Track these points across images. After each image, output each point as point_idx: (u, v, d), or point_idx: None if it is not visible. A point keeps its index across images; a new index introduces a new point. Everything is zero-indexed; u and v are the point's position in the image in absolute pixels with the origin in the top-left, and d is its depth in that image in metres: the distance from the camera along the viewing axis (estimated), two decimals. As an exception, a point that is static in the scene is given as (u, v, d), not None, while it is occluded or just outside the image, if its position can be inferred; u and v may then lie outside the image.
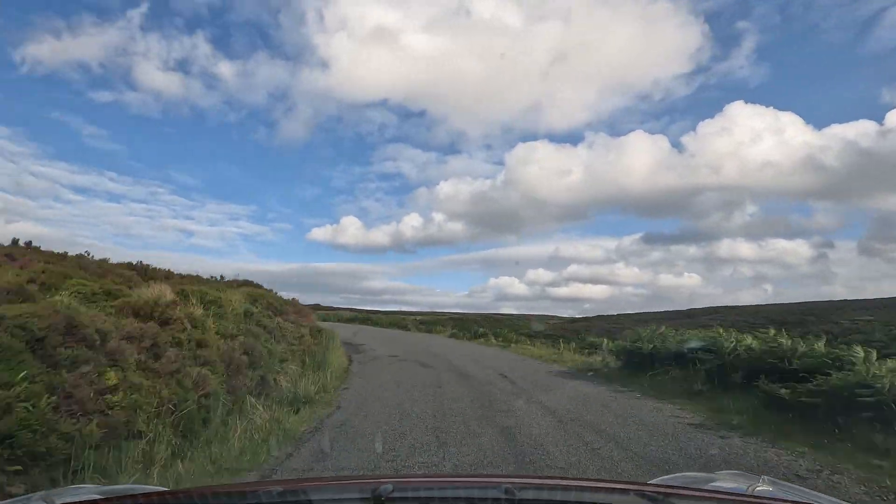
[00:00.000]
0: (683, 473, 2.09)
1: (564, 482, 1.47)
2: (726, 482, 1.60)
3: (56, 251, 12.39)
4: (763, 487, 1.47)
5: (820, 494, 1.54)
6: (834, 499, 1.45)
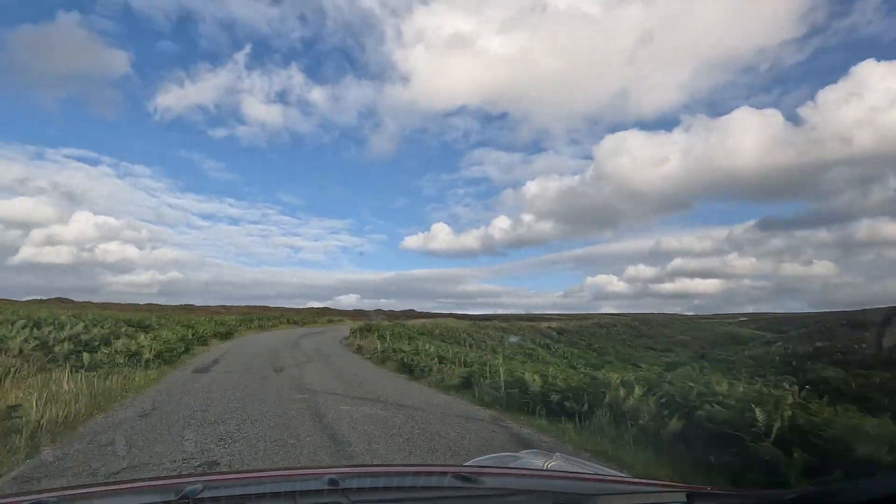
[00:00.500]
0: (494, 455, 2.25)
1: (387, 469, 1.71)
2: (528, 460, 1.82)
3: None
4: (555, 462, 1.71)
5: (602, 467, 1.83)
6: (615, 471, 1.85)
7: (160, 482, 1.30)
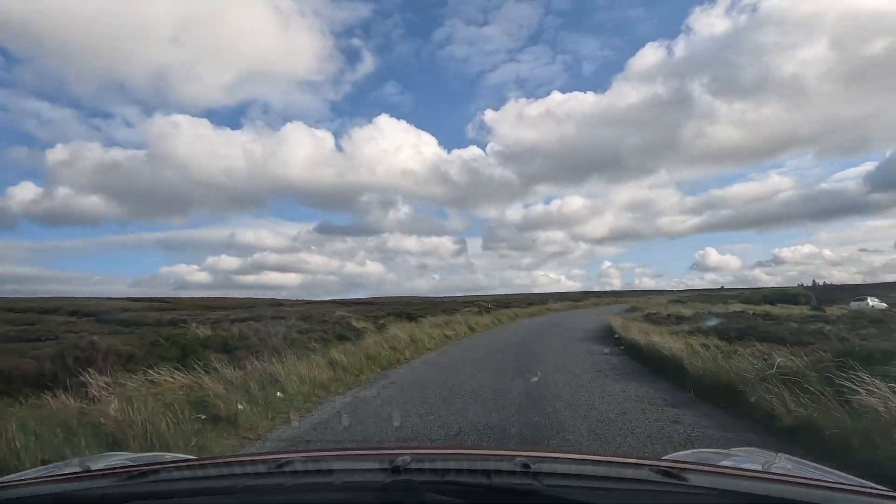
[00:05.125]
0: (697, 450, 2.03)
1: (579, 456, 1.55)
2: (741, 459, 1.64)
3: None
4: (780, 464, 1.50)
5: (839, 472, 1.53)
6: (854, 477, 1.46)
7: (377, 451, 1.46)
